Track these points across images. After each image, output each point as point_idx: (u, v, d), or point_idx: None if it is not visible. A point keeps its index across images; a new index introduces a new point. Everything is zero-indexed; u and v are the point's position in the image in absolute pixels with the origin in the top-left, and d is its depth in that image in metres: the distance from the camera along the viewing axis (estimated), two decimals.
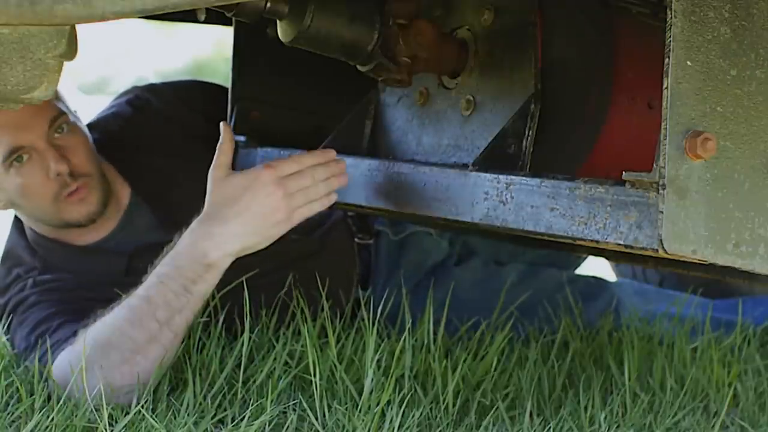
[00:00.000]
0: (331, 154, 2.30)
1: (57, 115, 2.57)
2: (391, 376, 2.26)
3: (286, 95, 2.73)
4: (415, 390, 2.35)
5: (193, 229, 2.30)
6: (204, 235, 2.28)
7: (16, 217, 2.76)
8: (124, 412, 2.21)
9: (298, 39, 2.17)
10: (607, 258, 3.07)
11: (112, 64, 8.58)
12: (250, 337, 2.41)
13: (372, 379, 2.27)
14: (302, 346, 2.41)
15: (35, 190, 2.57)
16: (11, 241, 2.75)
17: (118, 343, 2.28)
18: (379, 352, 2.34)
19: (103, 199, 2.64)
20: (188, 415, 2.23)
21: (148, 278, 2.32)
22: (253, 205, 2.26)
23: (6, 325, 2.61)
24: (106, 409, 2.16)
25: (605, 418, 2.30)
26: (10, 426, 2.21)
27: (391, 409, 2.23)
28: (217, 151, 2.32)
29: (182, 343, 2.35)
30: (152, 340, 2.28)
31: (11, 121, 2.52)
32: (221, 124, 2.36)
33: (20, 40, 1.60)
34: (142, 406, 2.20)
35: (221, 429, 2.24)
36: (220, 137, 2.34)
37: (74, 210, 2.61)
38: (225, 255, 2.28)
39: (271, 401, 2.24)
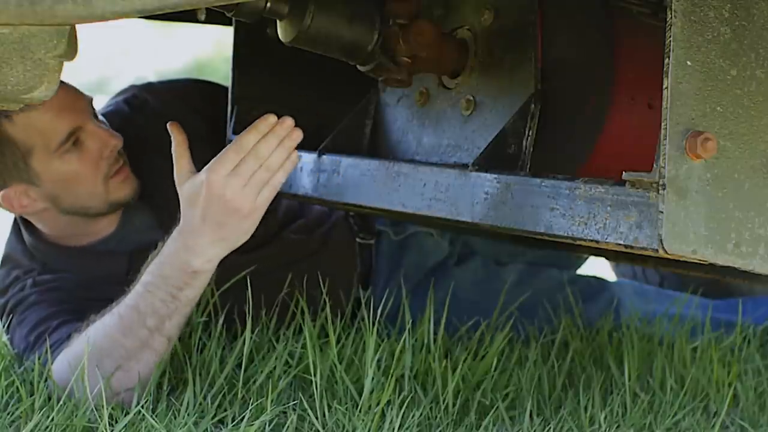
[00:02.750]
0: (270, 120, 2.20)
1: (90, 99, 2.61)
2: (391, 376, 2.26)
3: (286, 95, 2.73)
4: (415, 390, 2.35)
5: (174, 238, 2.27)
6: (182, 245, 2.25)
7: (14, 222, 2.76)
8: (124, 412, 2.21)
9: (298, 39, 2.17)
10: (607, 258, 3.07)
11: (112, 64, 8.58)
12: (250, 337, 2.41)
13: (372, 379, 2.27)
14: (302, 346, 2.41)
15: (89, 172, 2.57)
16: (9, 247, 2.75)
17: (110, 351, 2.28)
18: (379, 352, 2.34)
19: (136, 180, 2.66)
20: (188, 415, 2.23)
21: (135, 287, 2.30)
22: (211, 212, 2.21)
23: (6, 325, 2.61)
24: (106, 409, 2.16)
25: (605, 418, 2.30)
26: (10, 426, 2.21)
27: (391, 409, 2.23)
28: (174, 156, 2.28)
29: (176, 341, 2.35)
30: (144, 346, 2.28)
31: (62, 105, 2.51)
32: (168, 124, 2.31)
33: (20, 40, 1.60)
34: (142, 406, 2.21)
35: (221, 429, 2.24)
36: (173, 141, 2.29)
37: (121, 189, 2.63)
38: (207, 261, 2.25)
39: (271, 401, 2.24)
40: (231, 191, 2.18)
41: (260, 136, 2.20)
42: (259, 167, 2.19)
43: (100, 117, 2.67)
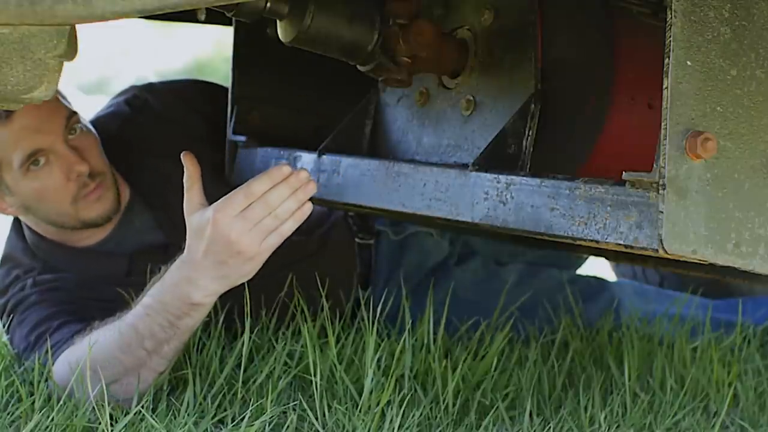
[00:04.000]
0: (284, 169, 2.14)
1: (70, 115, 2.58)
2: (391, 376, 2.26)
3: (286, 95, 2.73)
4: (415, 390, 2.35)
5: (177, 266, 2.23)
6: (184, 278, 2.21)
7: (15, 220, 2.76)
8: (124, 412, 2.21)
9: (298, 39, 2.17)
10: (607, 258, 3.07)
11: (112, 64, 8.58)
12: (250, 337, 2.41)
13: (372, 379, 2.27)
14: (302, 346, 2.41)
15: (54, 193, 2.56)
16: (10, 245, 2.74)
17: (108, 365, 2.26)
18: (379, 352, 2.34)
19: (117, 197, 2.65)
20: (188, 415, 2.23)
21: (137, 307, 2.28)
22: (214, 250, 2.16)
23: (6, 324, 2.61)
24: (107, 409, 2.16)
25: (605, 418, 2.30)
26: (10, 426, 2.21)
27: (391, 409, 2.23)
28: (184, 185, 2.23)
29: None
30: (142, 365, 2.27)
31: (28, 124, 2.51)
32: (182, 155, 2.24)
33: (20, 40, 1.60)
34: (142, 406, 2.21)
35: (221, 429, 2.24)
36: (185, 170, 2.23)
37: (92, 209, 2.61)
38: (207, 295, 2.22)
39: (271, 401, 2.24)
40: (236, 234, 2.13)
41: (272, 184, 2.14)
42: (268, 215, 2.14)
43: (87, 128, 2.65)
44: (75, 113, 2.60)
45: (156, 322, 2.25)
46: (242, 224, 2.13)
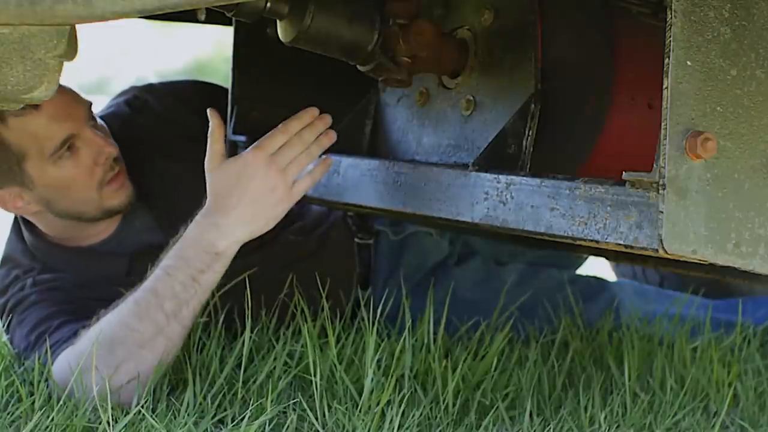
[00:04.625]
0: (314, 111, 2.32)
1: (89, 105, 2.60)
2: (391, 376, 2.26)
3: (286, 95, 2.73)
4: (415, 390, 2.35)
5: (198, 221, 2.31)
6: (209, 226, 2.30)
7: (15, 221, 2.76)
8: (124, 412, 2.21)
9: (298, 39, 2.17)
10: (607, 258, 3.07)
11: (112, 64, 8.59)
12: (250, 337, 2.41)
13: (372, 379, 2.27)
14: (302, 346, 2.41)
15: (83, 179, 2.58)
16: (10, 247, 2.74)
17: (124, 338, 2.28)
18: (379, 352, 2.34)
19: (133, 186, 2.66)
20: (188, 415, 2.23)
21: (154, 271, 2.32)
22: (250, 190, 2.29)
23: (6, 324, 2.61)
24: (108, 408, 2.16)
25: (605, 418, 2.30)
26: (10, 426, 2.21)
27: (391, 409, 2.23)
28: (209, 140, 2.34)
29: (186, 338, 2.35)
30: (159, 332, 2.28)
31: (57, 112, 2.52)
32: (209, 110, 2.37)
33: (20, 40, 1.60)
34: (142, 406, 2.21)
35: (221, 429, 2.24)
36: (210, 125, 2.35)
37: (115, 197, 2.63)
38: (232, 243, 2.31)
39: (271, 401, 2.24)
40: (275, 168, 2.28)
41: (305, 123, 2.32)
42: (301, 154, 2.30)
43: (99, 121, 2.67)
44: (91, 103, 2.62)
45: (177, 281, 2.29)
46: (281, 159, 2.29)
